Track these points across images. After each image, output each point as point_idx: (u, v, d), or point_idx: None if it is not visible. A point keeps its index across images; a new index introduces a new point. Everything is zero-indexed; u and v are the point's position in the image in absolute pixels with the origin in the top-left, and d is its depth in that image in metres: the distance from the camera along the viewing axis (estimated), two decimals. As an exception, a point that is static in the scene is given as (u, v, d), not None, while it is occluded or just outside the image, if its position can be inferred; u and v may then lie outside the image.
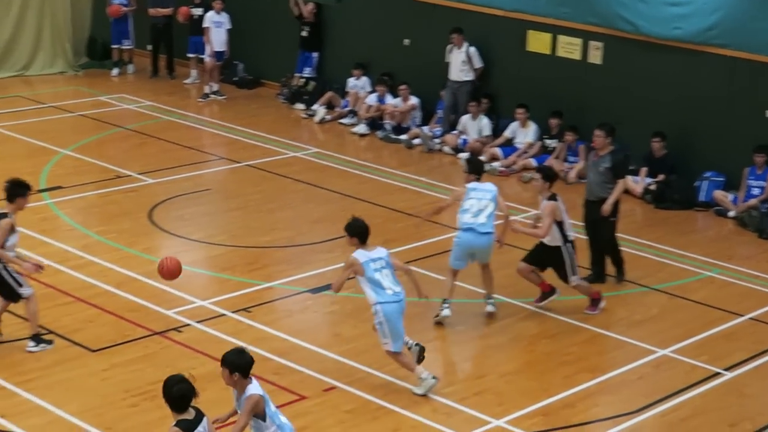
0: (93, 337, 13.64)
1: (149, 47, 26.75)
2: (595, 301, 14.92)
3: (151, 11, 26.12)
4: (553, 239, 14.48)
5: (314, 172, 20.22)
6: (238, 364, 9.71)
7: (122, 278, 15.29)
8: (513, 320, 14.63)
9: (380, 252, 12.68)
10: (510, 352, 13.86)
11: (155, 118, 23.30)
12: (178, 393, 9.01)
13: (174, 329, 13.92)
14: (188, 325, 14.05)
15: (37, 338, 13.36)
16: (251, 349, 13.27)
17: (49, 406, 12.03)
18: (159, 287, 15.03)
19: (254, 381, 9.78)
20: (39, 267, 13.42)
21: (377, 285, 12.50)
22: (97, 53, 27.41)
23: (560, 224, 14.44)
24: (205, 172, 20.19)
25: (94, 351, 13.33)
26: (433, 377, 12.67)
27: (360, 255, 12.54)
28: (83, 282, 15.12)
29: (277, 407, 10.07)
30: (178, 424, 9.03)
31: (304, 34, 24.63)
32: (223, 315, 14.37)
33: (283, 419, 9.99)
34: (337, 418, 12.08)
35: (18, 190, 13.37)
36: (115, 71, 26.69)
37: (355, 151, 21.81)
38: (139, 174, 19.57)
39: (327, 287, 15.10)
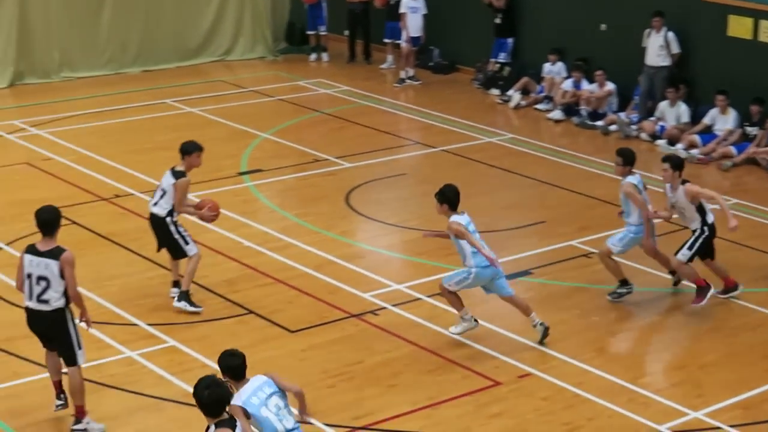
0: (292, 318, 13.90)
1: (346, 33, 27.07)
2: (701, 290, 14.19)
3: (349, -3, 26.47)
4: (694, 221, 14.15)
5: (509, 157, 20.19)
6: (225, 366, 9.51)
7: (320, 261, 15.54)
8: (711, 311, 14.35)
9: (466, 217, 13.11)
10: (709, 343, 13.59)
11: (352, 102, 23.58)
12: (211, 398, 8.57)
13: (370, 312, 14.08)
14: (384, 308, 14.20)
15: (186, 296, 13.88)
16: (447, 333, 13.43)
17: (250, 385, 12.31)
18: (356, 270, 15.24)
19: (248, 384, 9.48)
20: (213, 214, 14.19)
21: (477, 250, 12.90)
22: (295, 38, 27.88)
23: (700, 207, 14.11)
24: (400, 156, 20.36)
25: (293, 332, 13.58)
26: (475, 320, 13.24)
27: (460, 219, 12.98)
28: (283, 264, 15.41)
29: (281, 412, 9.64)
30: (221, 424, 8.60)
31: (497, 21, 24.59)
32: (419, 299, 14.47)
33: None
34: (532, 405, 12.06)
35: (191, 146, 14.00)
36: (312, 56, 27.12)
37: (551, 137, 21.69)
38: (337, 158, 19.85)
39: (523, 273, 15.11)
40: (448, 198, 13.09)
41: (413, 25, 25.14)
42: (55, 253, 10.93)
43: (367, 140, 21.00)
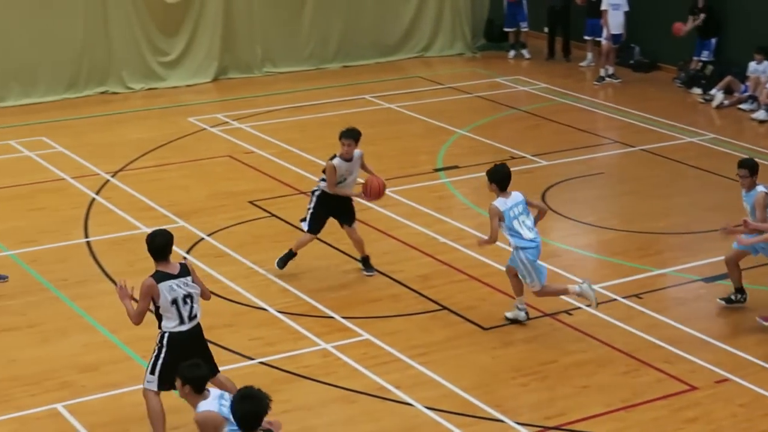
0: (485, 315, 13.88)
1: (545, 29, 26.92)
2: None
3: (551, -6, 26.32)
4: None
5: (710, 158, 19.76)
6: (188, 377, 9.28)
7: (515, 258, 15.48)
8: None
9: (517, 197, 13.37)
10: None
11: (549, 100, 23.43)
12: (242, 410, 8.34)
13: (564, 311, 13.96)
14: (579, 308, 14.05)
15: (288, 257, 14.82)
16: (642, 335, 13.23)
17: (441, 380, 12.36)
18: (551, 269, 15.07)
19: (211, 397, 9.28)
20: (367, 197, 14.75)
21: (515, 232, 13.24)
22: (494, 35, 27.80)
23: None
24: (598, 155, 20.13)
25: (485, 329, 13.57)
26: (583, 280, 13.39)
27: (500, 204, 13.28)
28: (477, 260, 15.40)
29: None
30: None
31: (697, 23, 24.09)
32: (614, 300, 14.29)
33: None
34: (728, 411, 11.79)
35: (340, 133, 14.65)
36: (511, 53, 27.02)
37: (754, 137, 21.13)
38: (533, 155, 19.74)
39: (722, 276, 14.75)
40: (496, 178, 13.40)
41: (614, 22, 24.80)
42: (186, 268, 10.86)
43: (565, 138, 20.83)
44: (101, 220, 16.81)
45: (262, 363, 12.68)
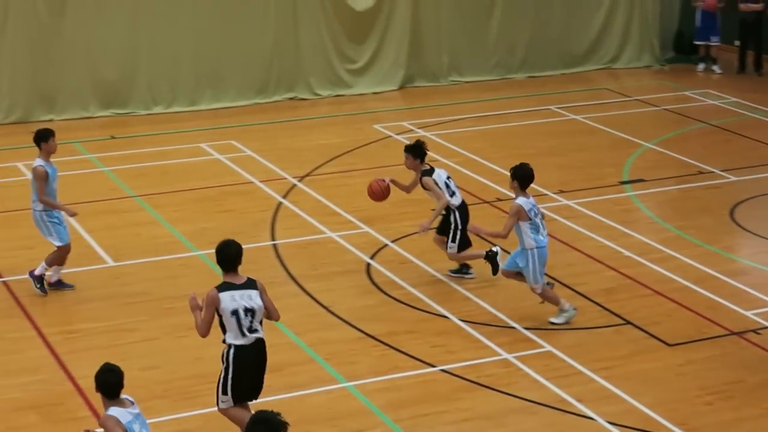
0: (670, 331, 13.66)
1: (736, 43, 26.36)
2: None
3: (742, 6, 25.72)
4: None
5: None
6: (99, 381, 8.87)
7: (701, 275, 15.19)
8: None
9: (533, 200, 13.57)
10: None
11: (740, 114, 22.94)
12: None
13: (752, 331, 13.65)
14: (767, 327, 13.74)
15: (490, 256, 14.77)
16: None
17: (624, 396, 12.19)
18: (738, 287, 14.82)
19: (129, 409, 8.87)
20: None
21: (536, 230, 13.44)
22: (683, 48, 27.34)
23: None
24: (790, 171, 19.69)
25: (670, 345, 13.35)
26: (574, 308, 13.76)
27: (524, 202, 13.43)
28: (662, 275, 15.17)
29: None
30: None
31: None
32: (805, 321, 13.94)
33: None
34: None
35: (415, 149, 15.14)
36: (700, 66, 26.54)
37: None
38: (722, 171, 19.34)
39: None
40: (520, 176, 13.58)
41: (809, 35, 24.21)
42: (252, 283, 10.74)
43: (755, 154, 20.36)
44: (288, 223, 17.09)
45: (443, 371, 12.72)
